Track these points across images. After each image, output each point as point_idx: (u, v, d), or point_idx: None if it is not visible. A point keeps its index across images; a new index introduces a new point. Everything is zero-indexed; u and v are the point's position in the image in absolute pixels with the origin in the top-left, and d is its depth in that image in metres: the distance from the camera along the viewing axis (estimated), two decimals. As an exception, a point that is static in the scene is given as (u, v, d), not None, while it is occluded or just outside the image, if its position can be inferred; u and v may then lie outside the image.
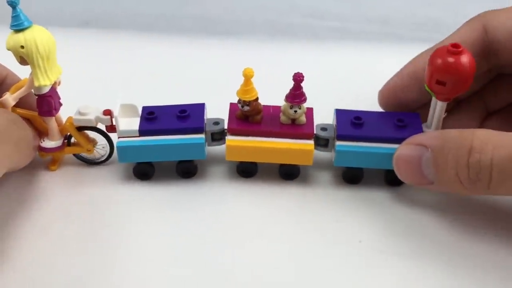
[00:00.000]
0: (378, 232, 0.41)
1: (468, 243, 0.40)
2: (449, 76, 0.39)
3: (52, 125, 0.43)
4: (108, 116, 0.44)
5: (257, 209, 0.43)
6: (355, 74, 0.57)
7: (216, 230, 0.41)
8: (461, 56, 0.39)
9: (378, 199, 0.44)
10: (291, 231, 0.41)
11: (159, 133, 0.43)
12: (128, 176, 0.45)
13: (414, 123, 0.43)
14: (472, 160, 0.37)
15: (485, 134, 0.38)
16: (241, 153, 0.43)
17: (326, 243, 0.41)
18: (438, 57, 0.39)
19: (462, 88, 0.40)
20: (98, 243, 0.40)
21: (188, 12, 0.67)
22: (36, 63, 0.39)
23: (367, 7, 0.68)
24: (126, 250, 0.40)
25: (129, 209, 0.43)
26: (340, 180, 0.45)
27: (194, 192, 0.44)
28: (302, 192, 0.44)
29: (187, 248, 0.40)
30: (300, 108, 0.42)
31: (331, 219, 0.42)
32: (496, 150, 0.36)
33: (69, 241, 0.40)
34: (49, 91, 0.42)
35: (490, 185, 0.37)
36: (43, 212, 0.42)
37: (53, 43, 0.40)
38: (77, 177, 0.45)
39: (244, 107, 0.42)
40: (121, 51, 0.61)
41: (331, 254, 0.40)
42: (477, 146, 0.37)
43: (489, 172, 0.37)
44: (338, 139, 0.43)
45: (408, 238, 0.41)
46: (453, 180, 0.38)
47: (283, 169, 0.45)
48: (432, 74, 0.40)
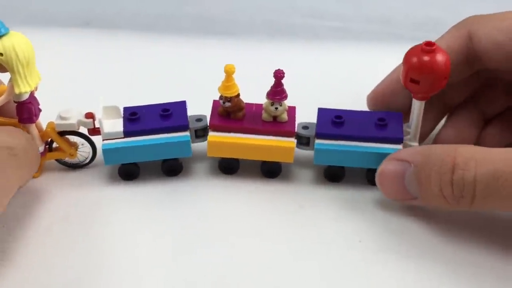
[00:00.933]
0: (378, 232, 0.41)
1: (468, 243, 0.40)
2: (423, 75, 0.39)
3: (33, 132, 0.42)
4: (91, 119, 0.43)
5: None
6: (355, 74, 0.57)
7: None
8: (435, 55, 0.38)
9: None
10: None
11: (144, 133, 0.43)
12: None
13: (395, 123, 0.43)
14: (456, 177, 0.37)
15: (468, 151, 0.37)
16: (222, 149, 0.43)
17: (326, 243, 0.41)
18: (412, 55, 0.39)
19: (437, 87, 0.39)
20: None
21: (188, 12, 0.67)
22: (16, 70, 0.38)
23: (368, 7, 0.68)
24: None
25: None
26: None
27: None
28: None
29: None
30: (281, 105, 0.42)
31: (326, 218, 0.42)
32: (479, 167, 0.36)
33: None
34: (29, 97, 0.41)
35: (473, 202, 0.37)
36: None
37: (31, 48, 0.39)
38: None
39: (226, 103, 0.42)
40: (121, 51, 0.60)
41: (331, 254, 0.40)
42: (460, 163, 0.37)
43: (473, 189, 0.36)
44: (318, 138, 0.43)
45: (407, 238, 0.41)
46: (436, 196, 0.38)
47: (265, 167, 0.45)
48: (406, 73, 0.40)
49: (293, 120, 0.44)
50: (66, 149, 0.44)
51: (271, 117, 0.43)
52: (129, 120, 0.43)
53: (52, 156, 0.45)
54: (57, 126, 0.43)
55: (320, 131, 0.43)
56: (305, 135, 0.44)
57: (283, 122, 0.43)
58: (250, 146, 0.43)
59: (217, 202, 0.43)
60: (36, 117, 0.42)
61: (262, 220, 0.42)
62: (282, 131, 0.43)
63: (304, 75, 0.56)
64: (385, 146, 0.42)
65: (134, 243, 0.40)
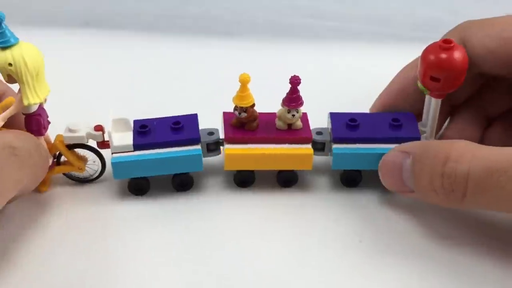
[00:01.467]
0: (378, 232, 0.41)
1: (468, 244, 0.40)
2: (443, 72, 0.39)
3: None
4: (100, 132, 0.42)
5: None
6: (355, 74, 0.57)
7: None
8: (453, 52, 0.38)
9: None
10: (293, 239, 0.40)
11: (154, 147, 0.42)
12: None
13: (409, 123, 0.43)
14: (447, 170, 0.36)
15: (464, 146, 0.37)
16: (240, 162, 0.42)
17: (325, 244, 0.40)
18: (430, 53, 0.39)
19: (456, 84, 0.39)
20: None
21: (189, 12, 0.66)
22: (25, 80, 0.37)
23: (367, 7, 0.68)
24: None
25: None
26: (339, 183, 0.44)
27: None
28: (301, 198, 0.43)
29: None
30: (297, 112, 0.42)
31: (331, 219, 0.42)
32: (474, 161, 0.36)
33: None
34: (38, 109, 0.39)
35: (464, 197, 0.36)
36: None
37: (41, 59, 0.38)
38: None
39: (241, 114, 0.41)
40: (121, 51, 0.60)
41: (331, 254, 0.40)
42: (454, 156, 0.36)
43: (464, 183, 0.36)
44: (335, 142, 0.42)
45: (408, 238, 0.41)
46: (428, 189, 0.38)
47: (282, 176, 0.44)
48: (425, 71, 0.39)
49: (307, 126, 0.43)
50: (74, 162, 0.43)
51: (285, 125, 0.42)
52: (139, 133, 0.42)
53: (60, 169, 0.43)
54: (66, 139, 0.42)
55: (336, 135, 0.42)
56: (320, 141, 0.43)
57: (298, 129, 0.43)
58: (268, 156, 0.42)
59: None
60: (45, 129, 0.41)
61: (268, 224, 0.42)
62: (299, 138, 0.42)
63: (304, 75, 0.56)
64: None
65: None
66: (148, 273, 0.38)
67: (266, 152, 0.42)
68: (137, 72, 0.57)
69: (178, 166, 0.42)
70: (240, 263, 0.39)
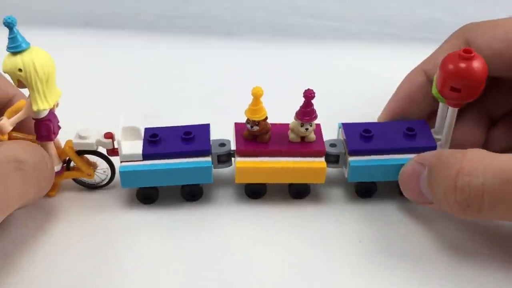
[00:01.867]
0: (378, 232, 0.41)
1: (468, 245, 0.40)
2: (464, 82, 0.38)
3: (51, 150, 0.40)
4: (110, 140, 0.41)
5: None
6: (355, 74, 0.57)
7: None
8: (473, 61, 0.38)
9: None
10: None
11: (164, 157, 0.41)
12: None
13: (424, 131, 0.42)
14: (460, 184, 0.36)
15: (476, 155, 0.36)
16: (251, 175, 0.42)
17: (326, 244, 0.40)
18: (450, 63, 0.38)
19: (476, 93, 0.39)
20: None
21: (189, 12, 0.66)
22: (35, 86, 0.37)
23: (367, 7, 0.68)
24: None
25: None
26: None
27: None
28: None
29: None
30: (311, 125, 0.41)
31: (326, 218, 0.42)
32: (488, 173, 0.35)
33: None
34: (48, 114, 0.39)
35: (482, 210, 0.35)
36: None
37: (52, 65, 0.37)
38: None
39: (254, 127, 0.40)
40: (121, 51, 0.60)
41: (331, 255, 0.39)
42: (466, 168, 0.36)
43: (480, 196, 0.35)
44: (350, 155, 0.42)
45: (408, 239, 0.41)
46: (443, 200, 0.37)
47: (293, 188, 0.43)
48: (445, 81, 0.39)
49: (321, 139, 0.42)
50: (84, 169, 0.42)
51: (298, 138, 0.42)
52: (149, 142, 0.41)
53: (69, 175, 0.43)
54: (75, 145, 0.41)
55: (352, 148, 0.42)
56: (334, 153, 0.42)
57: (311, 142, 0.42)
58: (280, 169, 0.41)
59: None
60: (55, 135, 0.40)
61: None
62: (312, 151, 0.42)
63: (304, 75, 0.56)
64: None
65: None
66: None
67: (278, 166, 0.41)
68: (137, 72, 0.57)
69: (187, 177, 0.41)
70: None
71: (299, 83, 0.46)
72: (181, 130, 0.42)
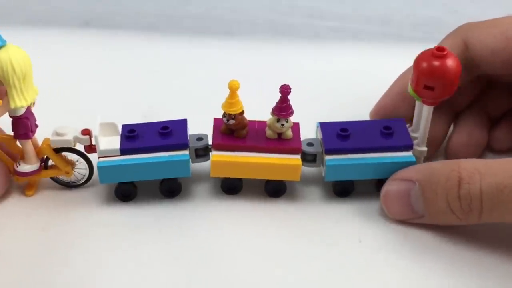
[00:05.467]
0: (378, 232, 0.41)
1: (469, 242, 0.39)
2: (437, 81, 0.38)
3: (28, 148, 0.40)
4: (87, 136, 0.41)
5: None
6: (355, 74, 0.57)
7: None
8: (446, 60, 0.37)
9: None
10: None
11: (142, 151, 0.41)
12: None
13: (401, 130, 0.42)
14: (462, 192, 0.36)
15: (471, 164, 0.37)
16: (226, 169, 0.41)
17: (326, 243, 0.40)
18: (424, 61, 0.38)
19: (450, 92, 0.38)
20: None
21: (189, 12, 0.67)
22: (12, 84, 0.37)
23: (367, 7, 0.68)
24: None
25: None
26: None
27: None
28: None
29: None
30: (287, 121, 0.40)
31: (326, 218, 0.41)
32: (484, 179, 0.36)
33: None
34: (25, 112, 0.39)
35: (481, 215, 0.36)
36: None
37: (29, 62, 0.37)
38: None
39: (230, 121, 0.40)
40: (121, 51, 0.60)
41: (331, 255, 0.39)
42: (466, 177, 0.36)
43: (480, 201, 0.36)
44: (327, 154, 0.41)
45: (408, 238, 0.40)
46: (444, 212, 0.37)
47: (270, 186, 0.42)
48: (418, 80, 0.38)
49: (298, 136, 0.42)
50: (61, 166, 0.42)
51: (275, 134, 0.41)
52: (127, 138, 0.41)
53: (47, 174, 0.42)
54: (53, 142, 0.41)
55: (328, 146, 0.41)
56: (311, 152, 0.42)
57: (288, 139, 0.41)
58: (255, 165, 0.41)
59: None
60: (32, 133, 0.40)
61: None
62: (288, 148, 0.41)
63: (304, 75, 0.56)
64: (396, 154, 0.41)
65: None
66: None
67: (253, 161, 0.41)
68: (137, 72, 0.57)
69: (166, 171, 0.41)
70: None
71: (299, 83, 0.46)
72: (158, 126, 0.42)
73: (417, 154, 0.42)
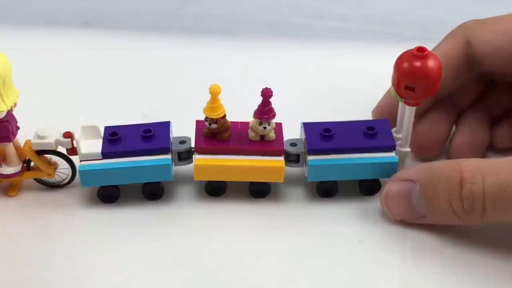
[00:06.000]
0: (378, 232, 0.41)
1: (468, 243, 0.39)
2: (418, 81, 0.37)
3: (10, 151, 0.40)
4: (69, 139, 0.41)
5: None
6: (355, 74, 0.57)
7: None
8: (427, 60, 0.37)
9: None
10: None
11: (123, 155, 0.41)
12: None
13: (384, 130, 0.42)
14: (465, 192, 0.36)
15: (472, 164, 0.37)
16: (209, 173, 0.41)
17: (326, 243, 0.40)
18: (404, 61, 0.38)
19: (431, 92, 0.38)
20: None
21: (189, 12, 0.66)
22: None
23: (367, 7, 0.68)
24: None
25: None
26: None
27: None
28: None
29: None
30: (269, 124, 0.40)
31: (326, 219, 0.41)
32: (486, 179, 0.36)
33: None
34: (6, 116, 0.39)
35: (484, 214, 0.36)
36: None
37: (8, 66, 0.37)
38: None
39: (212, 125, 0.40)
40: (121, 51, 0.60)
41: (331, 255, 0.39)
42: (468, 177, 0.36)
43: (482, 201, 0.36)
44: (310, 154, 0.41)
45: (408, 238, 0.40)
46: (446, 212, 0.37)
47: (254, 187, 0.42)
48: (399, 80, 0.38)
49: (281, 138, 0.41)
50: (43, 168, 0.42)
51: (258, 136, 0.41)
52: (109, 141, 0.41)
53: (30, 175, 0.42)
54: (34, 145, 0.40)
55: (311, 147, 0.41)
56: (294, 153, 0.42)
57: (271, 140, 0.41)
58: (238, 168, 0.41)
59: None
60: (13, 135, 0.40)
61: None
62: (271, 150, 0.41)
63: (304, 75, 0.56)
64: (379, 155, 0.41)
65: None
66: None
67: (236, 164, 0.41)
68: (137, 72, 0.57)
69: (147, 175, 0.41)
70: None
71: (299, 83, 0.46)
72: (141, 128, 0.41)
73: (400, 155, 0.42)
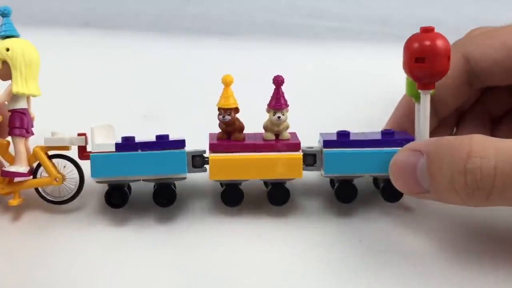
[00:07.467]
0: (378, 232, 0.41)
1: (468, 242, 0.39)
2: (428, 50, 0.37)
3: (21, 149, 0.40)
4: (83, 136, 0.41)
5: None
6: (355, 74, 0.57)
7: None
8: (435, 33, 0.38)
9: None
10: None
11: (137, 148, 0.40)
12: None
13: (402, 132, 0.42)
14: (470, 166, 0.34)
15: (483, 139, 0.34)
16: (225, 170, 0.40)
17: (326, 243, 0.40)
18: (412, 40, 0.38)
19: (441, 66, 0.38)
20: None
21: (189, 12, 0.67)
22: (18, 67, 0.39)
23: (367, 7, 0.68)
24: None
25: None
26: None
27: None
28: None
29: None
30: (283, 114, 0.40)
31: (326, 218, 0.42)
32: (501, 156, 0.33)
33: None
34: (23, 109, 0.40)
35: (490, 195, 0.34)
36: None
37: (37, 57, 0.40)
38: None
39: (225, 117, 0.40)
40: (121, 51, 0.60)
41: (332, 254, 0.39)
42: (476, 151, 0.34)
43: (492, 179, 0.33)
44: (325, 147, 0.40)
45: (408, 238, 0.40)
46: (447, 188, 0.35)
47: (272, 193, 0.42)
48: (410, 55, 0.38)
49: (296, 137, 0.41)
50: (51, 172, 0.41)
51: (273, 135, 0.41)
52: (124, 139, 0.40)
53: (36, 183, 0.41)
54: (47, 141, 0.41)
55: (326, 139, 0.41)
56: (311, 152, 0.41)
57: (285, 139, 0.41)
58: (255, 161, 0.40)
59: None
60: (28, 133, 0.41)
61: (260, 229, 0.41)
62: (287, 144, 0.40)
63: (303, 75, 0.56)
64: (396, 149, 0.40)
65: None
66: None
67: (252, 158, 0.40)
68: (137, 72, 0.57)
69: (161, 167, 0.40)
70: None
71: (299, 83, 0.46)
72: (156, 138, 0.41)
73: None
